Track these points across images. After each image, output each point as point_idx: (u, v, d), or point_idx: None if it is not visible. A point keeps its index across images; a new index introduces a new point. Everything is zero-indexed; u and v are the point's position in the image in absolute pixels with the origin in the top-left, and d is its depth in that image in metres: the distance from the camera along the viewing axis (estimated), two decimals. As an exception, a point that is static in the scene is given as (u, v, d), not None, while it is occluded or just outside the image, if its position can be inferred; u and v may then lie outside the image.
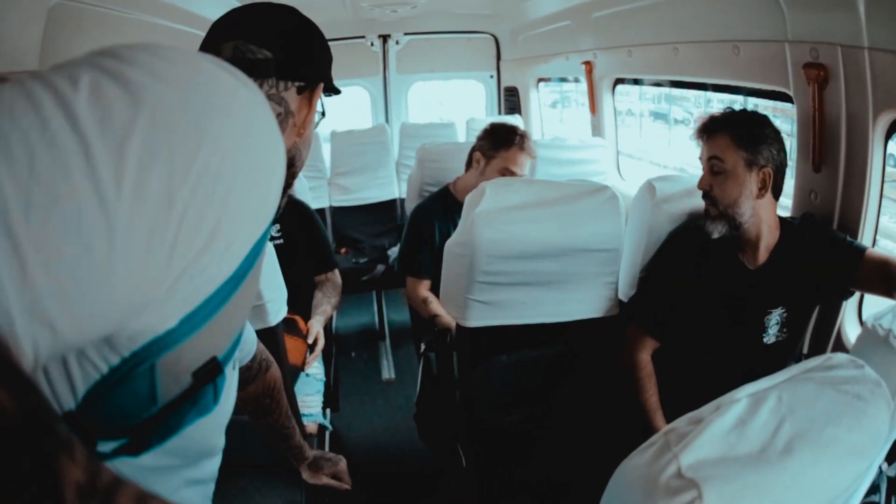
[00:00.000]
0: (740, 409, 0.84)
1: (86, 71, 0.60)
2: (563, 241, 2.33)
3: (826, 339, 2.48)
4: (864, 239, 2.32)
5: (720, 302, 2.33)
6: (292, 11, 1.20)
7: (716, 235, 2.27)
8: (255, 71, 1.09)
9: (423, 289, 3.30)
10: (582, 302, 2.48)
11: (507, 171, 3.25)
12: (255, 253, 0.74)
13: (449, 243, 2.44)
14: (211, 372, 0.79)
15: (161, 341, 0.69)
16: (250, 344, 1.52)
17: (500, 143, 3.28)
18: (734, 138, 2.21)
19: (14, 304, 0.54)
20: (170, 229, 0.61)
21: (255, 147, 0.68)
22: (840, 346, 2.44)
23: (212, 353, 0.78)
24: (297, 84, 1.14)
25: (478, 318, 2.40)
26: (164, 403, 0.76)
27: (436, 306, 3.20)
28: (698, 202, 2.42)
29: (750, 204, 2.23)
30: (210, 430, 0.93)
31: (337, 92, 1.31)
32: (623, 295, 2.57)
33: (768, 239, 2.30)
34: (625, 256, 2.54)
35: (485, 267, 2.30)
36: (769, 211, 2.26)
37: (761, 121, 2.24)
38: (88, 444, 0.73)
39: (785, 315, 2.32)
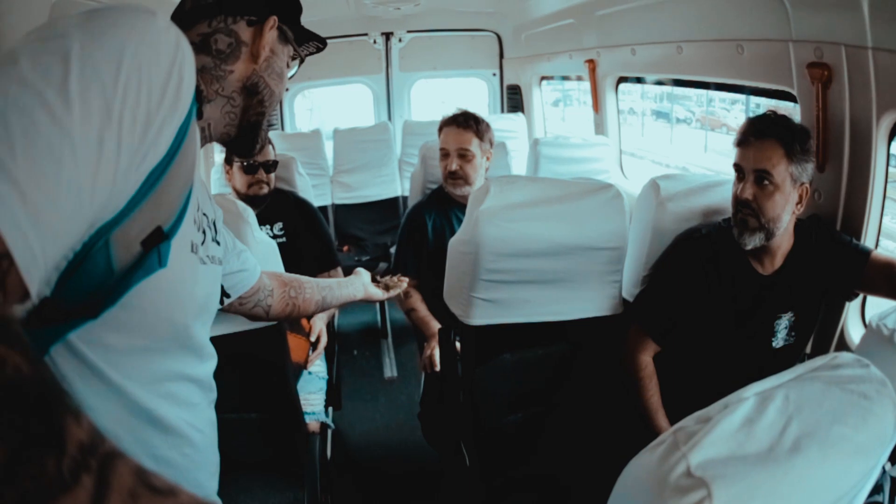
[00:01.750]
0: (748, 408, 0.85)
1: (23, 47, 0.80)
2: (567, 239, 2.32)
3: (829, 339, 2.48)
4: (868, 239, 2.33)
5: (730, 308, 2.32)
6: None
7: (750, 247, 2.23)
8: (204, 12, 1.26)
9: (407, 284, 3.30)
10: (586, 300, 2.46)
11: (442, 150, 3.37)
12: (182, 134, 0.93)
13: (453, 241, 2.43)
14: (156, 239, 0.94)
15: (113, 221, 0.87)
16: (249, 275, 1.70)
17: (439, 130, 3.42)
18: (787, 151, 2.15)
19: (24, 223, 0.72)
20: (112, 132, 0.81)
21: (159, 56, 0.87)
22: (843, 346, 2.44)
23: (157, 223, 0.94)
24: (246, 18, 1.27)
25: (482, 317, 2.39)
26: (119, 272, 0.91)
27: (414, 300, 3.24)
28: (702, 201, 2.42)
29: (788, 218, 2.22)
30: (168, 301, 1.03)
31: (312, 36, 1.49)
32: (627, 293, 2.57)
33: (785, 246, 2.29)
34: (629, 255, 2.53)
35: (489, 265, 2.29)
36: (793, 220, 2.26)
37: (808, 133, 2.20)
38: (62, 322, 0.89)
39: (793, 319, 2.32)
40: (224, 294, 1.58)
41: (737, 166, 2.26)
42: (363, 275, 2.25)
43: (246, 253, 1.68)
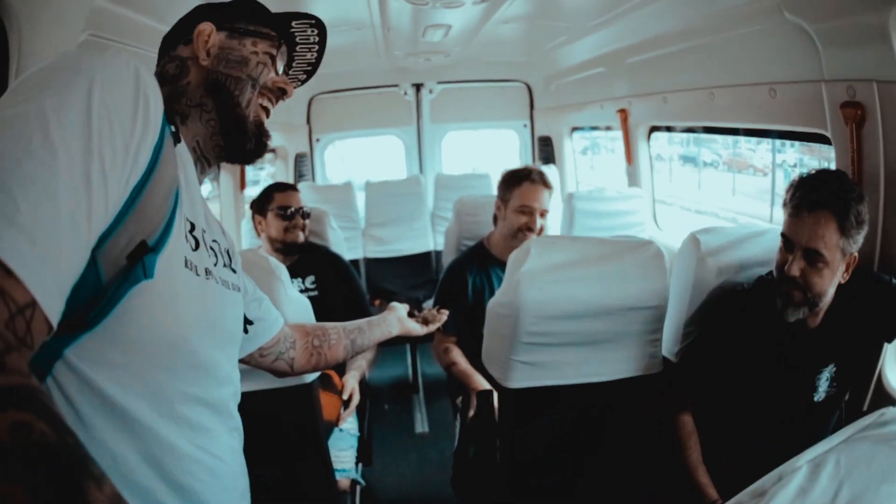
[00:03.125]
0: (801, 478, 0.85)
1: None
2: (608, 300, 2.30)
3: (867, 384, 2.43)
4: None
5: (770, 365, 2.25)
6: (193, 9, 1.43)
7: (792, 320, 2.14)
8: (160, 55, 1.40)
9: (446, 340, 3.27)
10: (625, 361, 2.43)
11: (525, 208, 3.28)
12: (157, 152, 1.03)
13: (492, 304, 2.41)
14: (140, 252, 1.01)
15: (100, 239, 0.95)
16: (269, 325, 1.68)
17: (512, 183, 3.32)
18: (840, 225, 2.02)
19: (38, 266, 0.82)
20: (96, 166, 0.91)
21: (123, 88, 0.98)
22: (881, 391, 2.40)
23: (141, 237, 1.01)
24: (181, 41, 1.37)
25: (521, 380, 2.36)
26: (107, 286, 0.98)
27: (455, 355, 3.18)
28: (743, 253, 2.39)
29: (834, 290, 2.14)
30: (162, 314, 1.07)
31: (285, 17, 1.50)
32: (667, 352, 2.52)
33: (826, 302, 2.18)
34: (669, 312, 2.48)
35: (530, 328, 2.27)
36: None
37: (863, 199, 2.06)
38: (56, 337, 0.92)
39: (835, 371, 2.24)
40: (247, 321, 1.54)
41: (784, 237, 2.14)
42: (398, 309, 2.14)
43: (266, 302, 1.67)
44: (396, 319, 2.09)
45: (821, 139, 2.55)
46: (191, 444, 1.16)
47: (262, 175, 6.38)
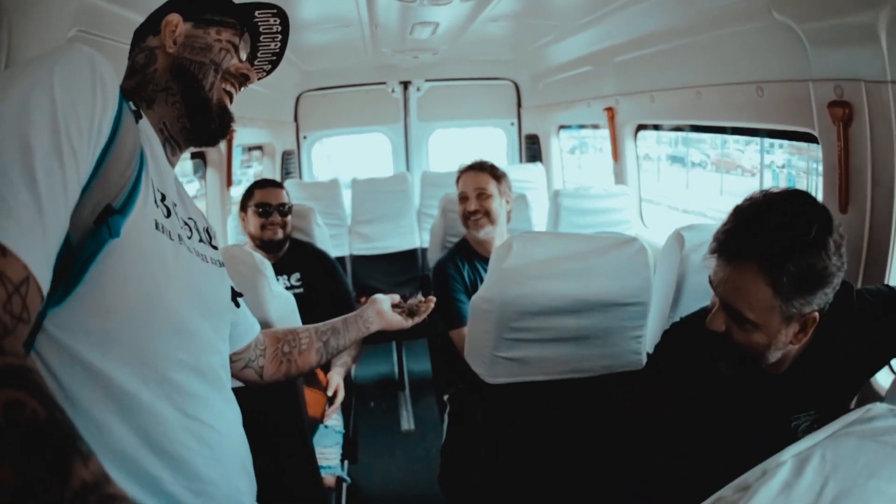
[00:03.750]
0: (786, 472, 0.84)
1: None
2: (591, 296, 2.29)
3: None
4: (892, 279, 2.26)
5: (738, 410, 1.84)
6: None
7: (728, 373, 1.77)
8: (132, 48, 1.47)
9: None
10: (609, 357, 2.43)
11: (462, 195, 3.42)
12: (116, 123, 1.11)
13: (474, 299, 2.41)
14: (105, 215, 1.07)
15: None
16: (242, 330, 1.68)
17: (457, 181, 3.48)
18: (771, 284, 1.58)
19: (30, 244, 0.91)
20: (65, 142, 0.99)
21: (80, 69, 1.07)
22: (867, 389, 2.34)
23: (106, 201, 1.08)
24: (150, 33, 1.45)
25: (504, 375, 2.36)
26: (76, 247, 1.04)
27: None
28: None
29: (781, 351, 1.71)
30: (135, 274, 1.13)
31: (246, 8, 1.58)
32: (651, 348, 2.51)
33: (794, 350, 1.76)
34: (653, 309, 2.48)
35: (512, 323, 2.27)
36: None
37: (818, 244, 1.55)
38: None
39: (815, 416, 1.85)
40: (236, 293, 1.59)
41: (710, 280, 1.75)
42: (379, 301, 2.06)
43: (243, 307, 1.67)
44: (375, 314, 2.03)
45: (808, 138, 2.56)
46: (178, 412, 1.19)
47: (249, 173, 6.35)
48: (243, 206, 3.54)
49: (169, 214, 1.25)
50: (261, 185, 3.62)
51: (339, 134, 7.16)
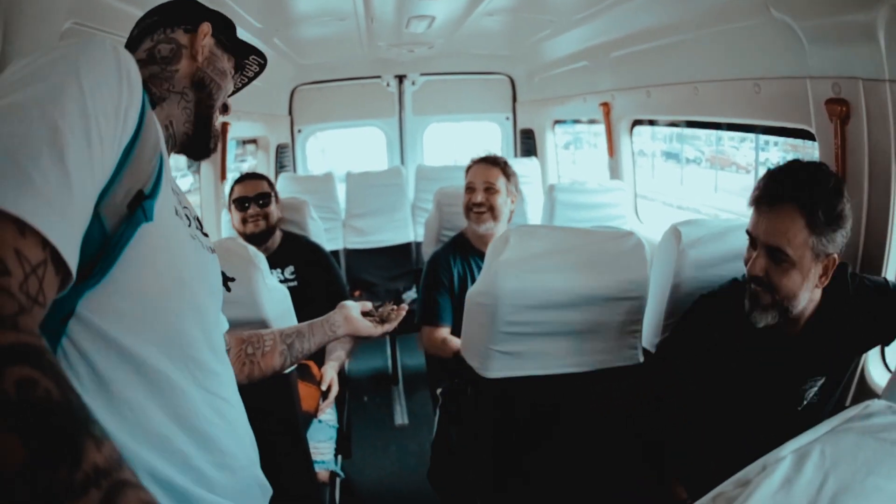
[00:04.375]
0: (786, 468, 0.84)
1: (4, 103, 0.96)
2: (587, 290, 2.29)
3: (850, 379, 2.42)
4: (889, 275, 2.28)
5: (749, 375, 2.12)
6: None
7: (761, 325, 1.99)
8: (147, 31, 1.48)
9: (441, 332, 3.25)
10: (605, 352, 2.42)
11: (469, 185, 3.42)
12: (142, 115, 1.11)
13: (471, 293, 2.40)
14: (138, 200, 1.09)
15: (101, 195, 1.02)
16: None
17: (467, 170, 3.46)
18: (807, 220, 1.87)
19: (57, 220, 0.88)
20: (94, 129, 0.98)
21: (105, 61, 1.06)
22: (864, 386, 2.41)
23: (137, 187, 1.10)
24: (182, 26, 1.48)
25: (500, 370, 2.35)
26: (111, 234, 1.06)
27: (457, 343, 3.14)
28: (724, 246, 2.38)
29: (808, 294, 1.98)
30: (165, 254, 1.17)
31: (251, 49, 1.69)
32: (647, 343, 2.51)
33: (808, 310, 2.05)
34: (649, 304, 2.48)
35: (508, 317, 2.26)
36: (818, 289, 2.03)
37: (837, 191, 1.90)
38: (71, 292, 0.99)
39: (823, 383, 2.13)
40: (227, 278, 1.61)
41: (748, 233, 2.02)
42: (347, 307, 2.02)
43: None
44: (343, 319, 2.00)
45: (805, 135, 2.56)
46: (200, 388, 1.25)
47: (243, 167, 6.34)
48: (228, 204, 3.54)
49: (179, 202, 1.29)
50: (240, 179, 3.62)
51: (333, 128, 7.17)
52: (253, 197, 3.43)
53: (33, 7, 1.86)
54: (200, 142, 1.51)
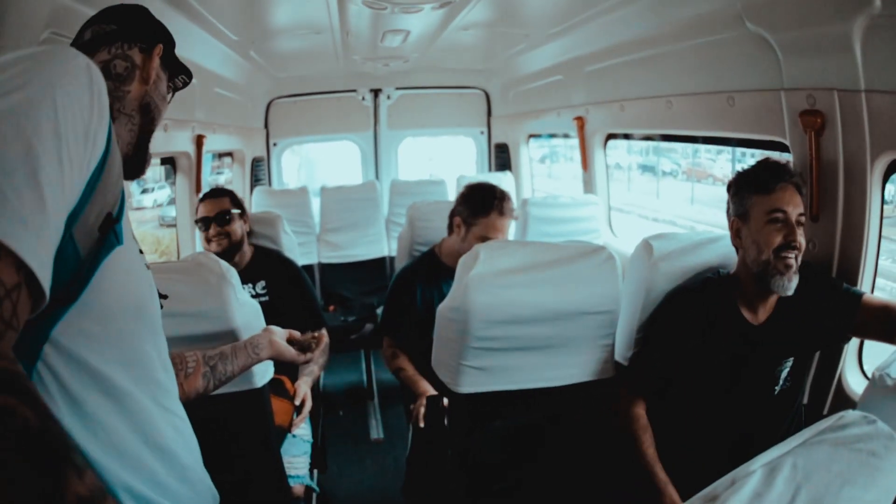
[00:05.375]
0: (755, 482, 0.84)
1: None
2: (559, 304, 2.30)
3: (827, 388, 2.46)
4: (864, 284, 2.32)
5: (725, 359, 2.28)
6: (138, 5, 1.54)
7: (792, 291, 2.19)
8: (104, 40, 1.44)
9: (394, 345, 3.28)
10: (577, 366, 2.43)
11: (487, 239, 3.19)
12: (109, 136, 1.09)
13: (441, 308, 2.39)
14: (108, 223, 1.10)
15: (72, 216, 1.00)
16: None
17: (478, 211, 3.24)
18: (797, 189, 2.21)
19: (32, 242, 0.87)
20: (65, 150, 0.97)
21: (80, 80, 1.04)
22: (841, 394, 2.43)
23: (107, 210, 1.10)
24: (138, 45, 1.45)
25: (471, 385, 2.34)
26: (84, 257, 1.05)
27: (402, 361, 3.18)
28: (696, 259, 2.40)
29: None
30: (128, 277, 1.17)
31: (181, 68, 1.63)
32: (620, 356, 2.52)
33: (771, 303, 2.30)
34: (622, 317, 2.48)
35: (479, 332, 2.26)
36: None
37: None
38: (47, 317, 1.01)
39: (792, 365, 2.29)
40: (161, 296, 1.56)
41: (779, 211, 2.20)
42: (273, 332, 2.10)
43: None
44: (268, 343, 2.04)
45: (778, 147, 2.59)
46: (159, 406, 1.26)
47: (220, 179, 6.30)
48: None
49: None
50: (203, 198, 3.57)
51: (309, 141, 7.16)
52: (214, 217, 3.38)
53: (11, 16, 1.87)
54: (136, 164, 1.49)
